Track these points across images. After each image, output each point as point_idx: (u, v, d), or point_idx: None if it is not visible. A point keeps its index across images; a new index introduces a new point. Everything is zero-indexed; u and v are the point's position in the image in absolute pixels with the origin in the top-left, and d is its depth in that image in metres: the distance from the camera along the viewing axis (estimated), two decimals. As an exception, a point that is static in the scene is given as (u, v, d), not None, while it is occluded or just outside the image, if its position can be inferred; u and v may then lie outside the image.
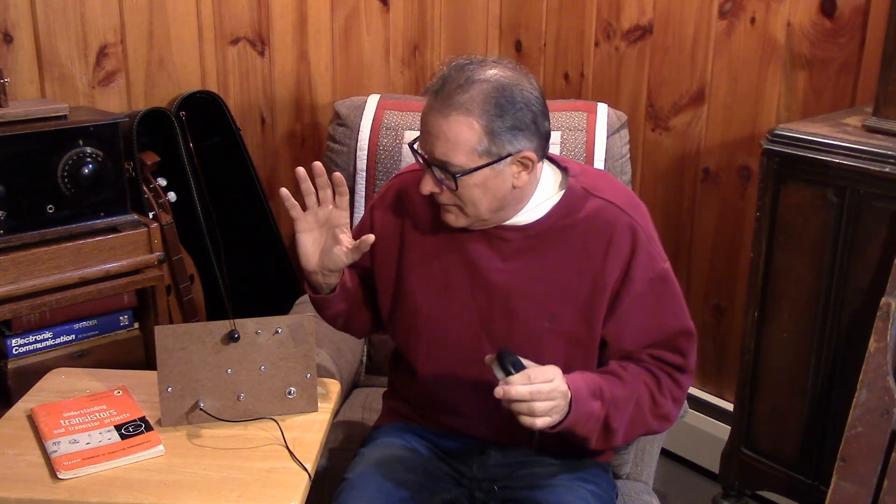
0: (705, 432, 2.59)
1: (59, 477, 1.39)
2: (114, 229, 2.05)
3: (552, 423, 1.43)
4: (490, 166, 1.46)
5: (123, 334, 2.12)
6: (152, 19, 2.35)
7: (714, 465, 2.38)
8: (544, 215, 1.56)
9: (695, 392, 2.63)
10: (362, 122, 2.28)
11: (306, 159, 2.67)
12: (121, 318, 2.11)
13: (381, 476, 1.57)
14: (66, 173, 1.96)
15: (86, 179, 1.97)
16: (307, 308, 1.71)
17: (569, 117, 2.23)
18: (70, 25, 2.21)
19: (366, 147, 2.26)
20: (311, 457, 1.46)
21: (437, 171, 1.48)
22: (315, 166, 1.52)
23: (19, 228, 1.93)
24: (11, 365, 1.95)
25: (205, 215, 2.41)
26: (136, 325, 2.14)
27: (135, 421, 1.53)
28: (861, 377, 1.76)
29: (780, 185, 1.96)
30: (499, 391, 1.39)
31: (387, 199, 1.69)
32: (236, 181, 2.54)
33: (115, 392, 1.62)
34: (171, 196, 2.28)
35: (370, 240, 1.51)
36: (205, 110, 2.45)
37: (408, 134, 2.23)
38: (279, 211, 2.60)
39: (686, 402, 1.92)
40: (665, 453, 2.64)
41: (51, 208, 1.96)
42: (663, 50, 2.55)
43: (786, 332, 2.03)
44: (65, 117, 1.98)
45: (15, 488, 1.37)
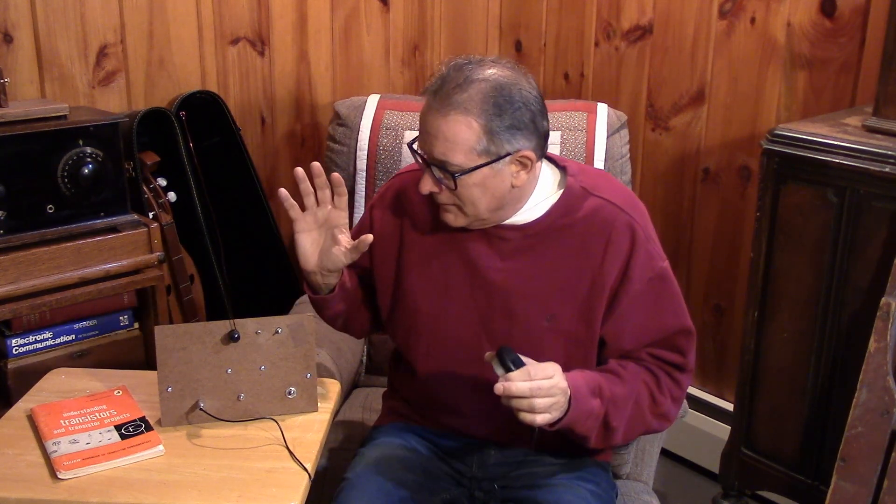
0: (705, 432, 2.59)
1: (59, 477, 1.39)
2: (114, 229, 2.06)
3: (552, 421, 1.43)
4: (489, 165, 1.46)
5: (123, 334, 2.12)
6: (152, 19, 2.35)
7: (714, 465, 2.38)
8: (543, 214, 1.56)
9: (695, 392, 2.63)
10: (362, 122, 2.28)
11: (306, 159, 2.67)
12: (121, 318, 2.11)
13: (381, 476, 1.57)
14: (66, 173, 1.96)
15: (86, 179, 1.97)
16: (307, 308, 1.71)
17: (569, 117, 2.23)
18: (70, 25, 2.21)
19: (366, 147, 2.26)
20: (311, 457, 1.46)
21: (437, 170, 1.48)
22: (313, 167, 1.52)
23: (19, 228, 1.93)
24: (11, 365, 1.95)
25: (205, 215, 2.41)
26: (136, 325, 2.14)
27: (135, 421, 1.53)
28: (861, 377, 1.76)
29: (780, 185, 1.96)
30: (499, 387, 1.39)
31: (386, 198, 1.68)
32: (236, 181, 2.54)
33: (115, 392, 1.62)
34: (171, 196, 2.28)
35: (368, 240, 1.51)
36: (205, 110, 2.45)
37: (408, 134, 2.23)
38: (279, 211, 2.60)
39: (686, 402, 1.92)
40: (665, 453, 2.64)
41: (51, 208, 1.96)
42: (663, 50, 2.55)
43: (786, 332, 2.03)
44: (65, 117, 1.98)
45: (15, 488, 1.37)
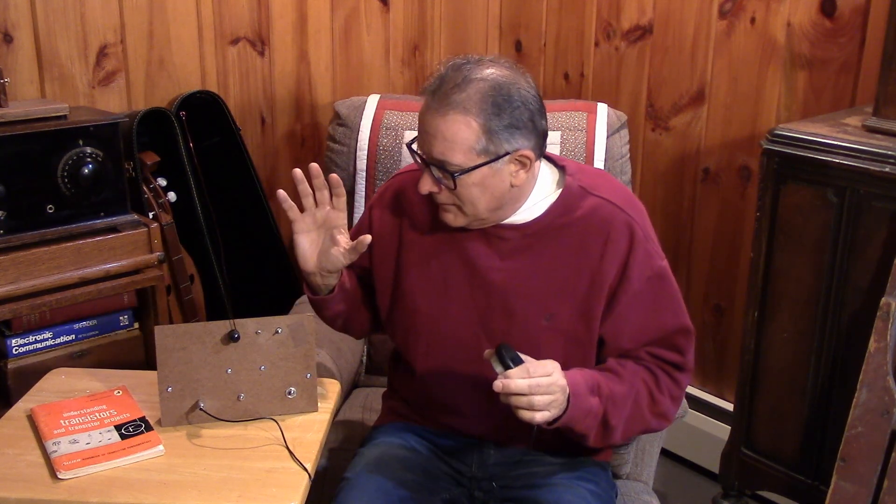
0: (705, 432, 2.59)
1: (59, 477, 1.39)
2: (114, 229, 2.06)
3: (551, 418, 1.43)
4: (488, 165, 1.46)
5: (123, 334, 2.12)
6: (152, 19, 2.35)
7: (714, 465, 2.38)
8: (542, 214, 1.56)
9: (695, 392, 2.63)
10: (362, 122, 2.28)
11: (306, 159, 2.67)
12: (121, 318, 2.11)
13: (381, 476, 1.57)
14: (66, 173, 1.96)
15: (86, 179, 1.97)
16: (307, 308, 1.71)
17: (569, 117, 2.23)
18: (70, 25, 2.21)
19: (366, 147, 2.26)
20: (311, 457, 1.46)
21: (436, 170, 1.48)
22: (312, 167, 1.52)
23: (19, 228, 1.93)
24: (11, 365, 1.95)
25: (205, 215, 2.41)
26: (136, 325, 2.14)
27: (135, 421, 1.53)
28: (861, 377, 1.76)
29: (780, 185, 1.96)
30: (497, 385, 1.39)
31: (385, 198, 1.69)
32: (236, 181, 2.54)
33: (115, 392, 1.62)
34: (171, 196, 2.28)
35: (367, 240, 1.51)
36: (205, 110, 2.45)
37: (408, 134, 2.23)
38: (279, 211, 2.60)
39: (686, 402, 1.92)
40: (665, 453, 2.64)
41: (51, 208, 1.96)
42: (663, 50, 2.55)
43: (786, 332, 2.03)
44: (65, 117, 1.98)
45: (15, 488, 1.37)
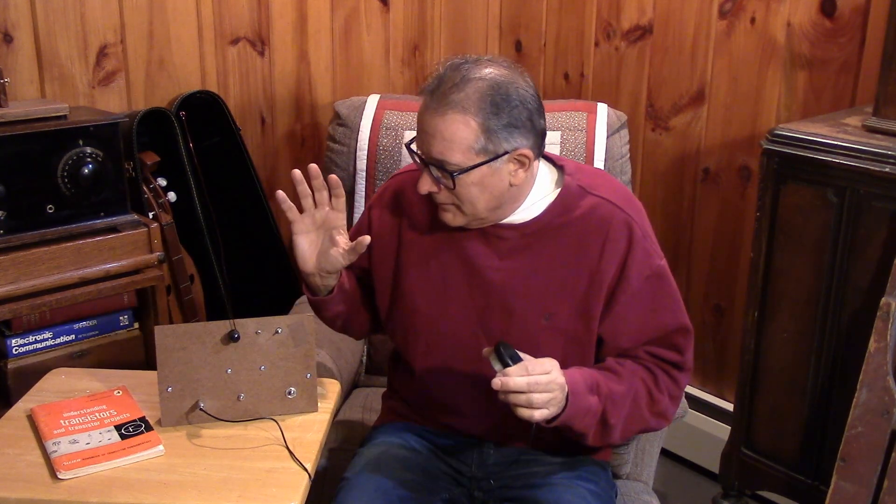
0: (705, 432, 2.59)
1: (59, 477, 1.39)
2: (114, 229, 2.06)
3: (549, 416, 1.43)
4: (487, 164, 1.46)
5: (123, 334, 2.12)
6: (152, 19, 2.35)
7: (714, 465, 2.38)
8: (540, 213, 1.56)
9: (695, 392, 2.63)
10: (362, 122, 2.28)
11: (306, 159, 2.67)
12: (121, 318, 2.11)
13: (381, 475, 1.57)
14: (66, 173, 1.96)
15: (86, 179, 1.97)
16: (307, 308, 1.71)
17: (569, 117, 2.23)
18: (70, 25, 2.21)
19: (366, 147, 2.26)
20: (311, 457, 1.46)
21: (435, 170, 1.48)
22: (311, 168, 1.52)
23: (19, 228, 1.93)
24: (11, 365, 1.95)
25: (205, 215, 2.41)
26: (136, 325, 2.14)
27: (135, 421, 1.53)
28: (861, 377, 1.76)
29: (780, 185, 1.96)
30: (496, 382, 1.39)
31: (384, 198, 1.69)
32: (236, 181, 2.54)
33: (115, 392, 1.62)
34: (171, 196, 2.28)
35: (366, 241, 1.51)
36: (205, 110, 2.45)
37: (407, 134, 2.23)
38: (279, 211, 2.57)
39: (686, 402, 1.92)
40: (665, 453, 2.64)
41: (51, 208, 1.96)
42: (663, 50, 2.55)
43: (786, 332, 2.03)
44: (65, 117, 1.98)
45: (15, 488, 1.37)
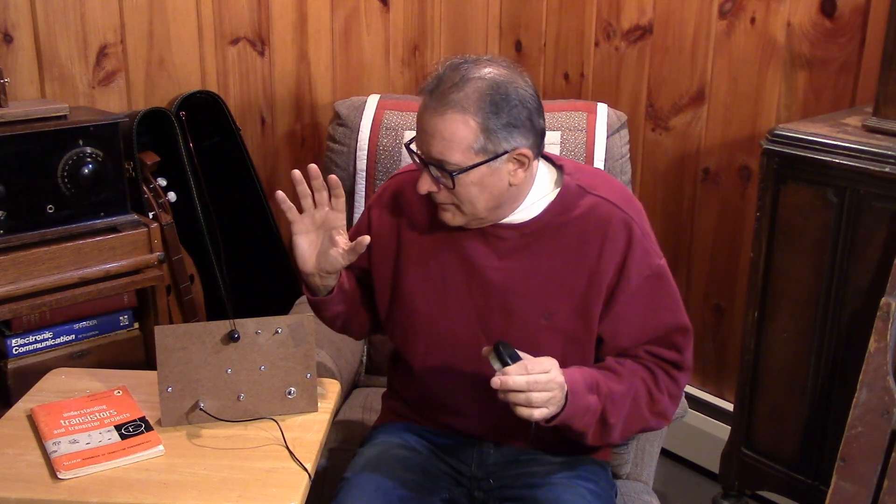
0: (705, 432, 2.59)
1: (59, 477, 1.39)
2: (114, 229, 2.06)
3: (549, 415, 1.43)
4: (486, 164, 1.46)
5: (123, 334, 2.12)
6: (152, 19, 2.35)
7: (714, 465, 2.38)
8: (540, 213, 1.56)
9: (695, 392, 2.63)
10: (362, 122, 2.28)
11: (306, 159, 2.67)
12: (121, 318, 2.11)
13: (380, 475, 1.57)
14: (66, 173, 1.96)
15: (86, 179, 1.97)
16: (307, 308, 1.71)
17: (569, 117, 2.23)
18: (70, 25, 2.21)
19: (366, 147, 2.26)
20: (311, 457, 1.46)
21: (434, 170, 1.48)
22: (311, 168, 1.52)
23: (19, 228, 1.93)
24: (11, 365, 1.95)
25: (205, 215, 2.41)
26: (136, 325, 2.14)
27: (135, 421, 1.53)
28: (861, 377, 1.76)
29: (780, 185, 1.96)
30: (495, 381, 1.38)
31: (384, 198, 1.69)
32: (236, 181, 2.54)
33: (115, 392, 1.62)
34: (171, 196, 2.28)
35: (366, 241, 1.51)
36: (205, 110, 2.45)
37: (407, 134, 2.23)
38: (279, 211, 2.58)
39: (686, 402, 1.92)
40: (665, 453, 2.64)
41: (51, 208, 1.96)
42: (663, 50, 2.55)
43: (786, 332, 2.03)
44: (65, 117, 1.98)
45: (15, 488, 1.37)
